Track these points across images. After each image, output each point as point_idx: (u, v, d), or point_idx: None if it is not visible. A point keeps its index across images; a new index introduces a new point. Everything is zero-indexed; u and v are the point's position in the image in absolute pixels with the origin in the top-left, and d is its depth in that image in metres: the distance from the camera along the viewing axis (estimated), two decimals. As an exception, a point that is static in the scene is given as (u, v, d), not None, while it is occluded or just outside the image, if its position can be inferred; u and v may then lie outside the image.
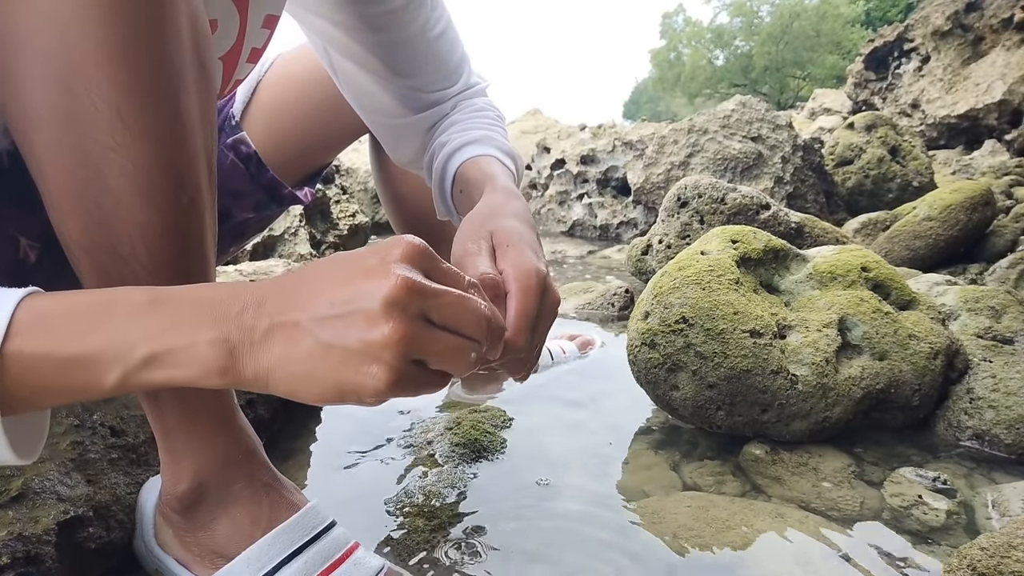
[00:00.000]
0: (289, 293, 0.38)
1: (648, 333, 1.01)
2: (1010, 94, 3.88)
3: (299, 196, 0.93)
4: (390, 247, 0.38)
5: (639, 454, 0.95)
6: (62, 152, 0.42)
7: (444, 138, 0.80)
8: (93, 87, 0.41)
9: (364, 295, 0.36)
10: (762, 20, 26.27)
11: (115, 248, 0.46)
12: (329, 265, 0.39)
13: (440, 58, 0.80)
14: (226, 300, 0.38)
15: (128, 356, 0.36)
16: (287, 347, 0.37)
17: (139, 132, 0.43)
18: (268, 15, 0.67)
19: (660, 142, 2.72)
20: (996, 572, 0.59)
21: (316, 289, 0.37)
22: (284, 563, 0.57)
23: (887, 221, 2.03)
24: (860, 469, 0.91)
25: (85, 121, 0.42)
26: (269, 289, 0.38)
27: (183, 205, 0.47)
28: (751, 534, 0.74)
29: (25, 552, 0.55)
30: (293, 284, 0.39)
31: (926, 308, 1.07)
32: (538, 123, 6.27)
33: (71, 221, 0.45)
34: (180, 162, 0.47)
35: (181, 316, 0.37)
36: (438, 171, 0.78)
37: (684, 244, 1.76)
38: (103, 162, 0.43)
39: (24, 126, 0.43)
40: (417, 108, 0.81)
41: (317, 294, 0.37)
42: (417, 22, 0.76)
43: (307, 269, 0.40)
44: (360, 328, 0.35)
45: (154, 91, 0.44)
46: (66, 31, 0.40)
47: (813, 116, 7.26)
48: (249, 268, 1.44)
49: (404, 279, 0.36)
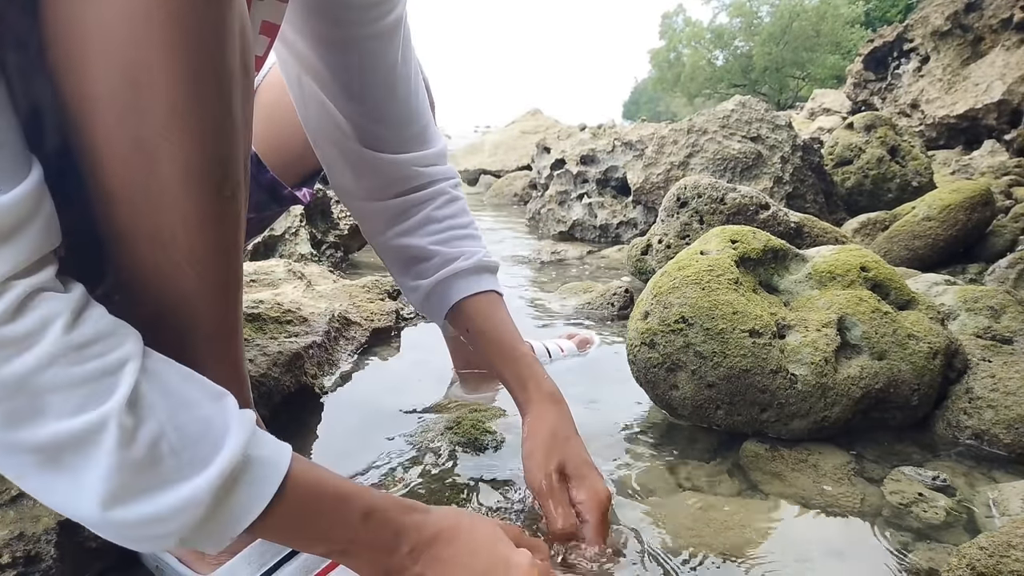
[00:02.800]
0: (440, 561, 0.53)
1: (648, 333, 1.01)
2: (1009, 94, 3.88)
3: (299, 196, 0.93)
4: (513, 570, 0.53)
5: (638, 454, 0.95)
6: (119, 140, 0.44)
7: (428, 247, 0.86)
8: (156, 81, 0.43)
9: None
10: (762, 20, 26.28)
11: (156, 236, 0.48)
12: (472, 559, 0.53)
13: (402, 95, 0.83)
14: (406, 536, 0.52)
15: (333, 545, 0.51)
16: None
17: (193, 126, 0.46)
18: (265, 22, 0.68)
19: (660, 142, 2.72)
20: (995, 571, 0.59)
21: (466, 569, 0.53)
22: (284, 561, 0.57)
23: (886, 221, 2.04)
24: (860, 467, 0.91)
25: (144, 111, 0.44)
26: (433, 545, 0.53)
27: (225, 199, 0.50)
28: (751, 533, 0.75)
29: (25, 551, 0.55)
30: (448, 552, 0.53)
31: (925, 308, 1.07)
32: (538, 123, 6.28)
33: (119, 209, 0.47)
34: (226, 157, 0.49)
35: (377, 538, 0.51)
36: (430, 288, 0.86)
37: (684, 244, 1.76)
38: (156, 151, 0.45)
39: (84, 116, 0.44)
40: (372, 145, 0.83)
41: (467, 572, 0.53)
42: (386, 52, 0.79)
43: (459, 543, 0.54)
44: None
45: (209, 88, 0.46)
46: (136, 28, 0.42)
47: (812, 116, 7.27)
48: (250, 268, 1.44)
49: None
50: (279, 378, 0.99)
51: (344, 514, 0.49)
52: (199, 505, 0.42)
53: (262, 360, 0.99)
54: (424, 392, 1.14)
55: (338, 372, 1.20)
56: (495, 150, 6.07)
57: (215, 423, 0.44)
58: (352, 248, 2.44)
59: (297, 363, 1.04)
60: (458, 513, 0.57)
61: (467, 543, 0.54)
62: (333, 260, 2.24)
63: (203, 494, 0.41)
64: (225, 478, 0.42)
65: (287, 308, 1.18)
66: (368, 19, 0.76)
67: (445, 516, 0.55)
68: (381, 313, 1.46)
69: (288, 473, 0.46)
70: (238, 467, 0.43)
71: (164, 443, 0.41)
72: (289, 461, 0.46)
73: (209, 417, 0.44)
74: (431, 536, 0.53)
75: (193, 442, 0.42)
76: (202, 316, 0.52)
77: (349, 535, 0.50)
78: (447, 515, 0.56)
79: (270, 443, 0.47)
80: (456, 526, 0.55)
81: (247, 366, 0.60)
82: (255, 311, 1.12)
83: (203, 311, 0.52)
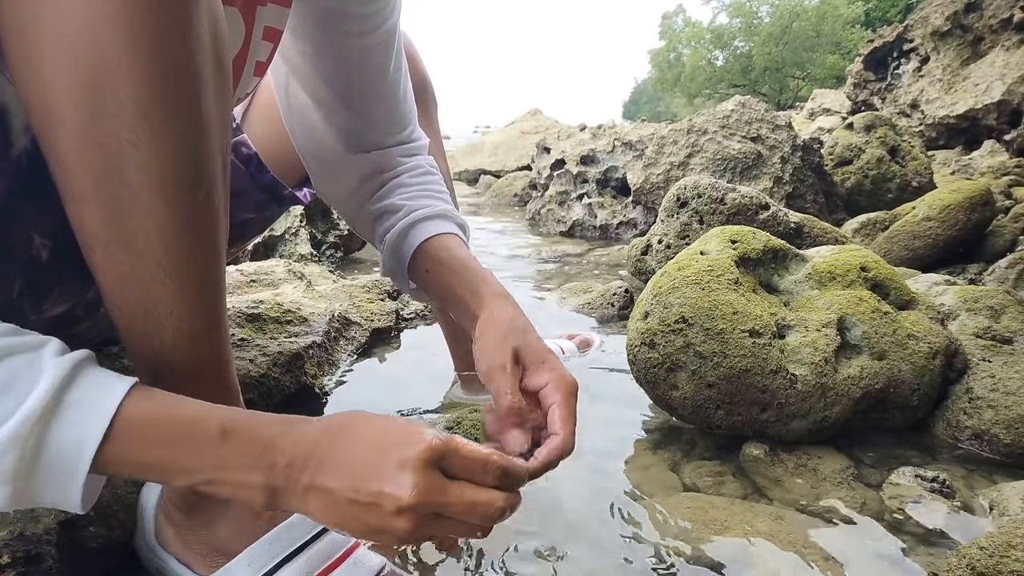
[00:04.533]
0: (329, 460, 0.45)
1: (648, 333, 1.01)
2: (1009, 94, 3.88)
3: (299, 196, 0.93)
4: (412, 447, 0.45)
5: (638, 454, 0.95)
6: (85, 147, 0.43)
7: (396, 202, 0.83)
8: (119, 84, 0.42)
9: (384, 497, 0.44)
10: (762, 20, 26.28)
11: (131, 243, 0.46)
12: (363, 445, 0.46)
13: (392, 101, 0.83)
14: (280, 448, 0.45)
15: (195, 475, 0.45)
16: (322, 506, 0.45)
17: (160, 128, 0.44)
18: (268, 27, 0.68)
19: (660, 142, 2.72)
20: (995, 572, 0.59)
21: (350, 468, 0.45)
22: (285, 562, 0.57)
23: (886, 221, 2.04)
24: (859, 471, 0.91)
25: (109, 116, 0.42)
26: (315, 449, 0.46)
27: (199, 202, 0.48)
28: (751, 535, 0.75)
29: (26, 552, 0.55)
30: (334, 453, 0.46)
31: (925, 308, 1.07)
32: (538, 123, 6.28)
33: (90, 216, 0.46)
34: (198, 159, 0.48)
35: (241, 457, 0.45)
36: (394, 238, 0.81)
37: (683, 244, 1.76)
38: (124, 157, 0.44)
39: (48, 121, 0.43)
40: (359, 148, 0.83)
41: (350, 473, 0.45)
42: (379, 61, 0.79)
43: (346, 436, 0.46)
44: (379, 517, 0.45)
45: (177, 89, 0.45)
46: (96, 29, 0.41)
47: (812, 116, 7.27)
48: (250, 268, 1.44)
49: (418, 496, 0.44)
50: (279, 378, 0.99)
51: (197, 439, 0.45)
52: (3, 455, 0.39)
53: (262, 360, 0.99)
54: (424, 392, 1.14)
55: (338, 372, 1.20)
56: (495, 150, 6.07)
57: (20, 373, 0.41)
58: (352, 248, 2.44)
59: (297, 363, 1.04)
60: (345, 414, 0.49)
61: (356, 435, 0.47)
62: (333, 260, 2.24)
63: (5, 442, 0.39)
64: (32, 423, 0.40)
65: (287, 308, 1.18)
66: (365, 29, 0.76)
67: (330, 419, 0.49)
68: (381, 313, 1.46)
69: (119, 410, 0.43)
70: (47, 412, 0.41)
71: None
72: (120, 398, 0.43)
73: (14, 368, 0.41)
74: (312, 441, 0.46)
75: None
76: (182, 322, 0.51)
77: (208, 461, 0.45)
78: (332, 418, 0.49)
79: (96, 383, 0.44)
80: (341, 423, 0.48)
81: (235, 371, 0.59)
82: (255, 311, 1.12)
83: (183, 317, 0.51)
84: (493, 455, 0.47)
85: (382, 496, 0.44)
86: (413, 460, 0.44)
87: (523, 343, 0.64)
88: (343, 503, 0.45)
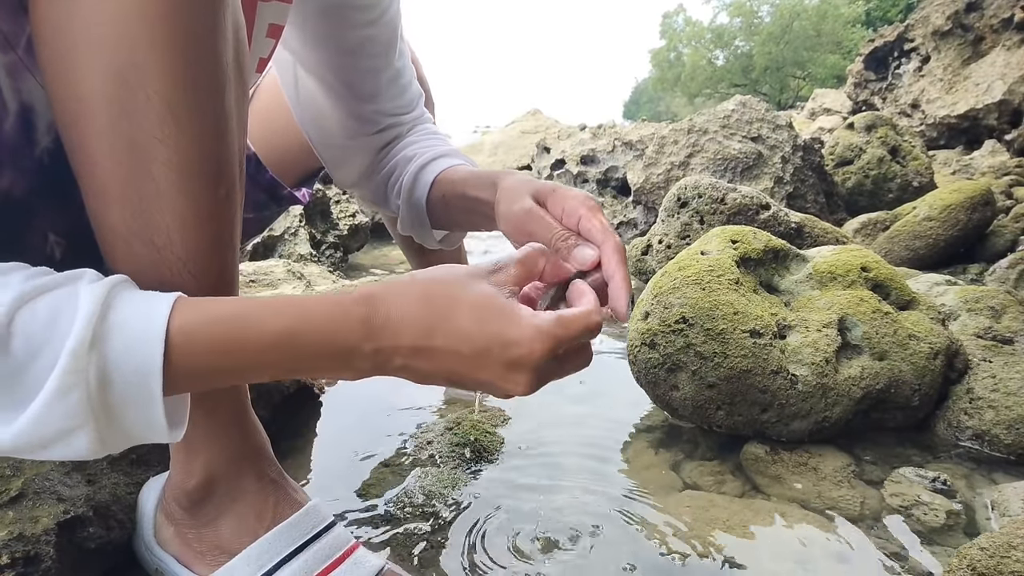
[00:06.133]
0: (424, 351, 0.46)
1: (648, 333, 1.01)
2: (1010, 94, 3.88)
3: (298, 196, 0.93)
4: (534, 343, 0.45)
5: (639, 454, 0.95)
6: (113, 141, 0.44)
7: (408, 152, 0.84)
8: (148, 80, 0.43)
9: (502, 391, 0.47)
10: (762, 20, 26.27)
11: (152, 237, 0.47)
12: (465, 342, 0.46)
13: (400, 86, 0.86)
14: (374, 310, 0.45)
15: (276, 373, 0.46)
16: (434, 365, 0.46)
17: (186, 125, 0.45)
18: (272, 24, 0.68)
19: (660, 142, 2.72)
20: (996, 572, 0.59)
21: (458, 357, 0.46)
22: (285, 561, 0.57)
23: (887, 221, 2.03)
24: (860, 469, 0.91)
25: (137, 112, 0.43)
26: (419, 313, 0.46)
27: (220, 197, 0.49)
28: (751, 534, 0.74)
29: (25, 552, 0.55)
30: (434, 331, 0.45)
31: (926, 308, 1.07)
32: (538, 123, 6.27)
33: (114, 209, 0.46)
34: (220, 156, 0.49)
35: (318, 356, 0.45)
36: (408, 181, 0.82)
37: (684, 244, 1.76)
38: (150, 152, 0.45)
39: (76, 116, 0.44)
40: (371, 130, 0.85)
41: (461, 361, 0.46)
42: (383, 48, 0.80)
43: (450, 314, 0.46)
44: (500, 390, 0.47)
45: (203, 87, 0.46)
46: (128, 27, 0.42)
47: (813, 116, 7.26)
48: (249, 268, 1.44)
49: (536, 379, 0.47)
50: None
51: (250, 340, 0.43)
52: (68, 392, 0.38)
53: (262, 360, 0.99)
54: (424, 392, 1.14)
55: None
56: (495, 150, 6.07)
57: (64, 305, 0.40)
58: (352, 248, 2.44)
59: (297, 363, 1.04)
60: (426, 285, 0.47)
61: (450, 325, 0.46)
62: (333, 260, 2.24)
63: (64, 377, 0.38)
64: (83, 352, 0.38)
65: (287, 308, 1.18)
66: (369, 19, 0.77)
67: (423, 285, 0.47)
68: (381, 313, 1.45)
69: (171, 321, 0.41)
70: (96, 337, 0.39)
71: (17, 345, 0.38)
72: (167, 310, 0.41)
73: (56, 301, 0.40)
74: (395, 331, 0.45)
75: (44, 330, 0.39)
76: None
77: (286, 362, 0.44)
78: (424, 285, 0.47)
79: (138, 301, 0.42)
80: (439, 291, 0.46)
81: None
82: (255, 311, 1.12)
83: None
84: (592, 314, 0.49)
85: (499, 389, 0.47)
86: (533, 359, 0.46)
87: (543, 187, 0.64)
88: (464, 358, 0.46)
